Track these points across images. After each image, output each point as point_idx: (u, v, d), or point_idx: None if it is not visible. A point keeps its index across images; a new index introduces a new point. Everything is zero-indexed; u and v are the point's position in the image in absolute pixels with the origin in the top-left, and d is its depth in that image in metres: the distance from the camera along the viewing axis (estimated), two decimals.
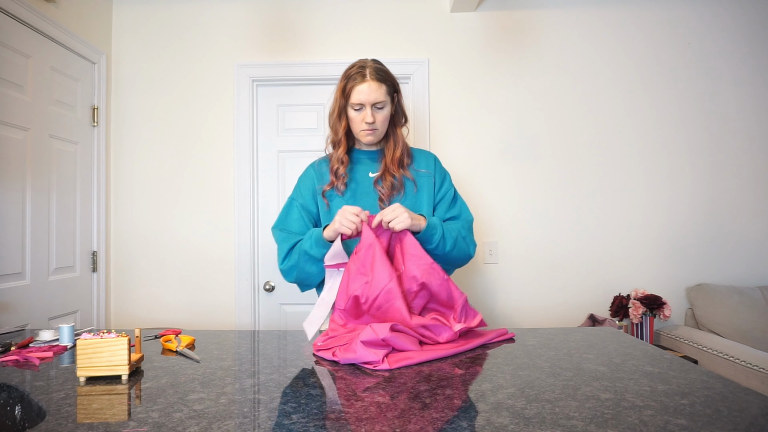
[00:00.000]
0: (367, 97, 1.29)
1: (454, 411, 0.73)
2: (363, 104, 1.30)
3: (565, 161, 2.43)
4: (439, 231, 1.26)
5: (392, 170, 1.35)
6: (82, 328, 1.79)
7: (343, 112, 1.35)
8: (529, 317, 2.41)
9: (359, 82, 1.29)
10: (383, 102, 1.31)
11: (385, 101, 1.31)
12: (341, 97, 1.33)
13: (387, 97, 1.32)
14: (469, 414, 0.72)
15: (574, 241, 2.42)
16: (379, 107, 1.31)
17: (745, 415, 0.71)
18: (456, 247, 1.31)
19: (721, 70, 2.45)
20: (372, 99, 1.29)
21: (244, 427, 0.68)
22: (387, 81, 1.32)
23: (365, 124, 1.31)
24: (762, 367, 1.83)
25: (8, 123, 1.79)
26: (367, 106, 1.30)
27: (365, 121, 1.30)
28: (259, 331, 1.36)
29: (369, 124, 1.31)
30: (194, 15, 2.46)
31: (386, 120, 1.35)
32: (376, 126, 1.33)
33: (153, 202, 2.42)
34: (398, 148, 1.38)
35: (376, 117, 1.31)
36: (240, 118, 2.41)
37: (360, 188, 1.38)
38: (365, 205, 1.33)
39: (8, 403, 0.87)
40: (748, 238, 2.43)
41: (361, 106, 1.30)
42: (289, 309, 2.42)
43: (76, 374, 0.89)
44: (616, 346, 1.11)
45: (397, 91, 1.37)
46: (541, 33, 2.45)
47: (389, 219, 1.18)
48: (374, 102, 1.30)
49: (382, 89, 1.30)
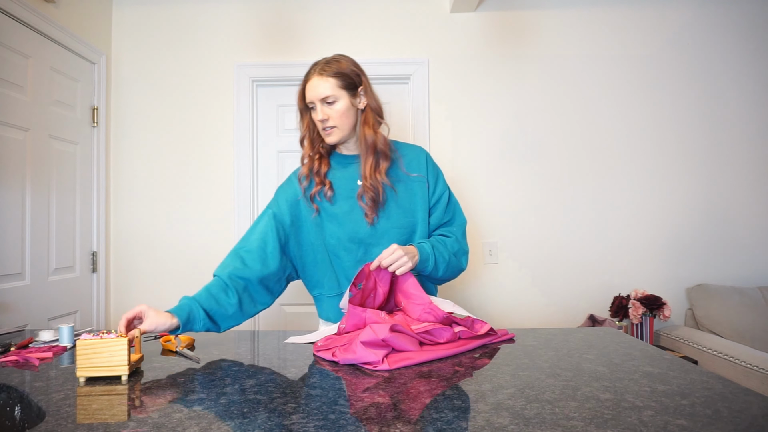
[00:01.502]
0: (312, 93, 1.24)
1: (454, 411, 0.73)
2: (312, 101, 1.25)
3: (565, 161, 2.43)
4: (431, 260, 1.24)
5: (370, 181, 1.26)
6: (81, 328, 1.79)
7: (304, 114, 1.31)
8: (529, 317, 2.41)
9: (306, 81, 1.26)
10: (332, 96, 1.23)
11: (334, 96, 1.23)
12: (300, 99, 1.30)
13: (339, 90, 1.23)
14: (469, 414, 0.72)
15: (574, 241, 2.42)
16: (329, 102, 1.24)
17: (745, 415, 0.71)
18: (448, 268, 1.29)
19: (721, 70, 2.45)
20: (317, 94, 1.23)
21: (243, 427, 0.68)
22: (338, 74, 1.23)
23: (319, 123, 1.26)
24: (762, 368, 1.83)
25: (8, 123, 1.79)
26: (316, 103, 1.24)
27: (317, 119, 1.26)
28: (258, 332, 1.36)
29: (321, 122, 1.26)
30: (194, 15, 2.46)
31: (343, 115, 1.25)
32: (332, 123, 1.25)
33: (153, 202, 2.42)
34: (370, 153, 1.27)
35: (328, 113, 1.24)
36: (240, 119, 2.41)
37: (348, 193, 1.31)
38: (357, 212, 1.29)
39: (8, 403, 0.87)
40: (747, 238, 2.43)
41: (312, 103, 1.26)
42: (289, 309, 2.42)
43: (76, 375, 0.89)
44: (616, 347, 1.11)
45: (359, 85, 1.27)
46: (540, 33, 2.46)
47: (388, 264, 1.14)
48: (322, 97, 1.23)
49: (328, 83, 1.22)
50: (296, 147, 2.44)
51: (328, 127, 1.26)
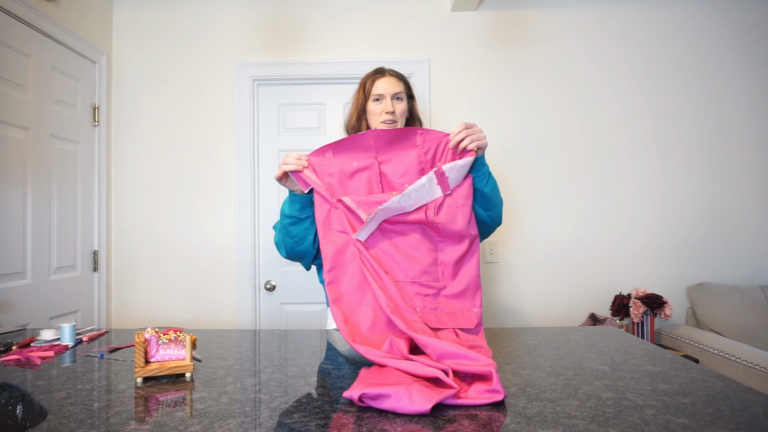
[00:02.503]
0: (386, 88, 1.38)
1: (456, 410, 0.73)
2: (383, 95, 1.38)
3: (566, 160, 2.43)
4: (487, 167, 1.20)
5: None
6: (83, 327, 1.79)
7: (363, 112, 1.41)
8: (530, 316, 2.41)
9: (379, 77, 1.40)
10: (402, 94, 1.39)
11: (403, 94, 1.40)
12: (362, 94, 1.41)
13: (404, 93, 1.40)
14: (470, 413, 0.72)
15: (575, 240, 2.42)
16: (398, 98, 1.39)
17: (746, 414, 0.70)
18: (495, 192, 1.24)
19: (722, 69, 2.45)
20: (391, 90, 1.38)
21: (245, 426, 0.68)
22: (404, 81, 1.42)
23: (386, 114, 1.37)
24: (763, 366, 1.83)
25: (9, 122, 1.79)
26: (387, 96, 1.37)
27: (386, 111, 1.37)
28: (260, 330, 1.36)
29: (390, 114, 1.37)
30: (195, 14, 2.45)
31: (404, 114, 1.40)
32: (396, 117, 1.38)
33: (154, 201, 2.42)
34: None
35: (396, 107, 1.38)
36: (241, 118, 2.41)
37: None
38: None
39: (10, 402, 0.87)
40: (749, 237, 2.43)
41: (381, 96, 1.38)
42: (290, 308, 2.42)
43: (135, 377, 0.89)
44: (617, 346, 1.11)
45: (412, 96, 1.45)
46: (541, 32, 2.45)
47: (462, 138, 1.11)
48: (394, 93, 1.38)
49: (400, 84, 1.40)
50: (297, 146, 2.46)
51: (391, 119, 1.38)
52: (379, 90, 1.38)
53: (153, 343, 0.91)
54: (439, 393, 0.74)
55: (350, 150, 1.16)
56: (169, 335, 0.93)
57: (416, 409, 0.70)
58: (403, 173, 1.15)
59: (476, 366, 0.81)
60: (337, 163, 1.15)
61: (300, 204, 1.20)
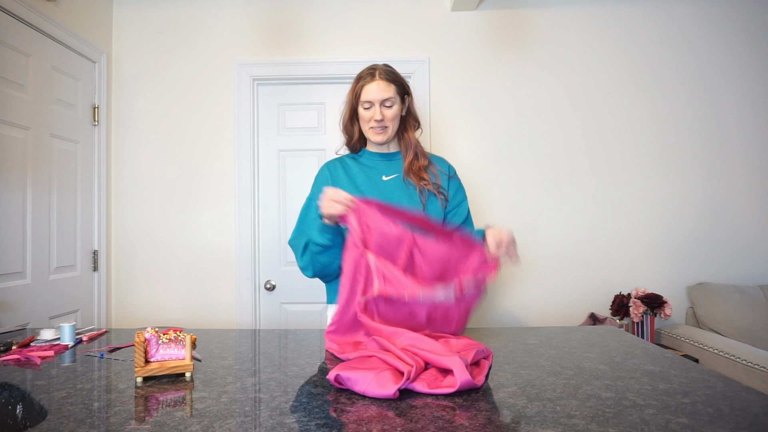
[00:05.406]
0: (375, 95, 1.34)
1: (455, 409, 0.73)
2: (372, 102, 1.35)
3: (565, 160, 2.43)
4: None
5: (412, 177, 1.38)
6: (83, 327, 1.79)
7: (355, 113, 1.40)
8: (530, 316, 2.41)
9: (368, 82, 1.35)
10: (391, 99, 1.35)
11: (393, 99, 1.35)
12: (353, 98, 1.39)
13: (396, 96, 1.36)
14: (469, 412, 0.72)
15: (575, 239, 2.42)
16: (388, 105, 1.35)
17: (746, 413, 0.71)
18: None
19: (722, 69, 2.45)
20: (380, 96, 1.34)
21: (245, 426, 0.68)
22: (396, 82, 1.37)
23: (374, 122, 1.35)
24: (763, 366, 1.83)
25: (9, 122, 1.79)
26: (375, 104, 1.34)
27: (374, 118, 1.35)
28: (260, 330, 1.36)
29: (378, 122, 1.35)
30: (195, 13, 2.45)
31: (395, 118, 1.37)
32: (385, 123, 1.36)
33: (154, 200, 2.42)
34: (410, 151, 1.41)
35: (385, 114, 1.36)
36: (240, 117, 2.41)
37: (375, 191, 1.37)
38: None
39: (10, 402, 0.87)
40: (748, 236, 2.43)
41: (370, 104, 1.35)
42: (290, 308, 2.42)
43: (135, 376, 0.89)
44: (617, 345, 1.11)
45: (407, 94, 1.41)
46: (541, 31, 2.45)
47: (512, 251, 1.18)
48: (382, 99, 1.34)
49: (390, 88, 1.35)
50: (297, 146, 2.46)
51: (382, 126, 1.36)
52: (368, 97, 1.35)
53: (153, 342, 0.91)
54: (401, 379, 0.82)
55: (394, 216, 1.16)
56: (169, 335, 0.93)
57: (381, 393, 0.79)
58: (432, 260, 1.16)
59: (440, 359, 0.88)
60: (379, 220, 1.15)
61: (331, 234, 1.21)
